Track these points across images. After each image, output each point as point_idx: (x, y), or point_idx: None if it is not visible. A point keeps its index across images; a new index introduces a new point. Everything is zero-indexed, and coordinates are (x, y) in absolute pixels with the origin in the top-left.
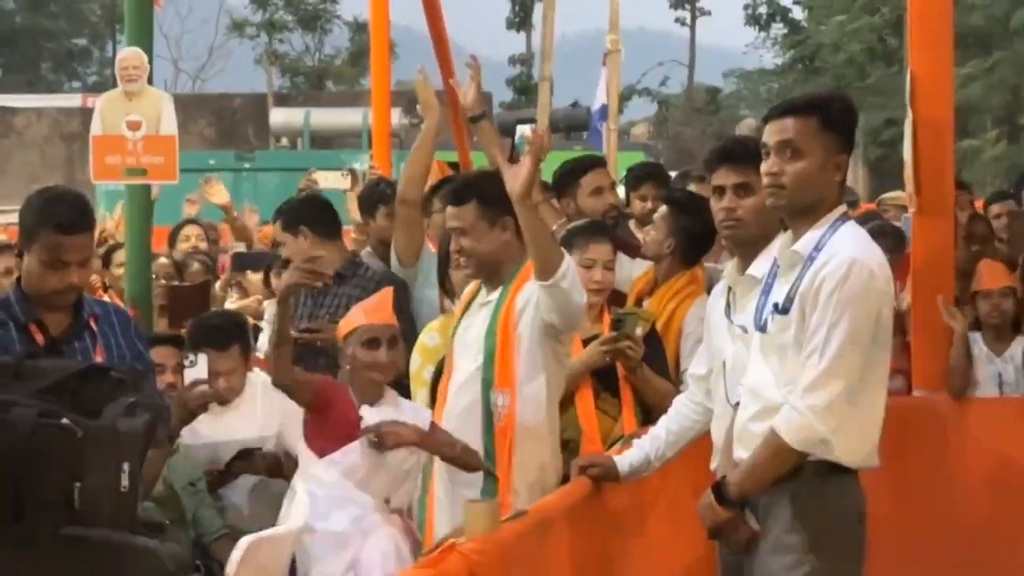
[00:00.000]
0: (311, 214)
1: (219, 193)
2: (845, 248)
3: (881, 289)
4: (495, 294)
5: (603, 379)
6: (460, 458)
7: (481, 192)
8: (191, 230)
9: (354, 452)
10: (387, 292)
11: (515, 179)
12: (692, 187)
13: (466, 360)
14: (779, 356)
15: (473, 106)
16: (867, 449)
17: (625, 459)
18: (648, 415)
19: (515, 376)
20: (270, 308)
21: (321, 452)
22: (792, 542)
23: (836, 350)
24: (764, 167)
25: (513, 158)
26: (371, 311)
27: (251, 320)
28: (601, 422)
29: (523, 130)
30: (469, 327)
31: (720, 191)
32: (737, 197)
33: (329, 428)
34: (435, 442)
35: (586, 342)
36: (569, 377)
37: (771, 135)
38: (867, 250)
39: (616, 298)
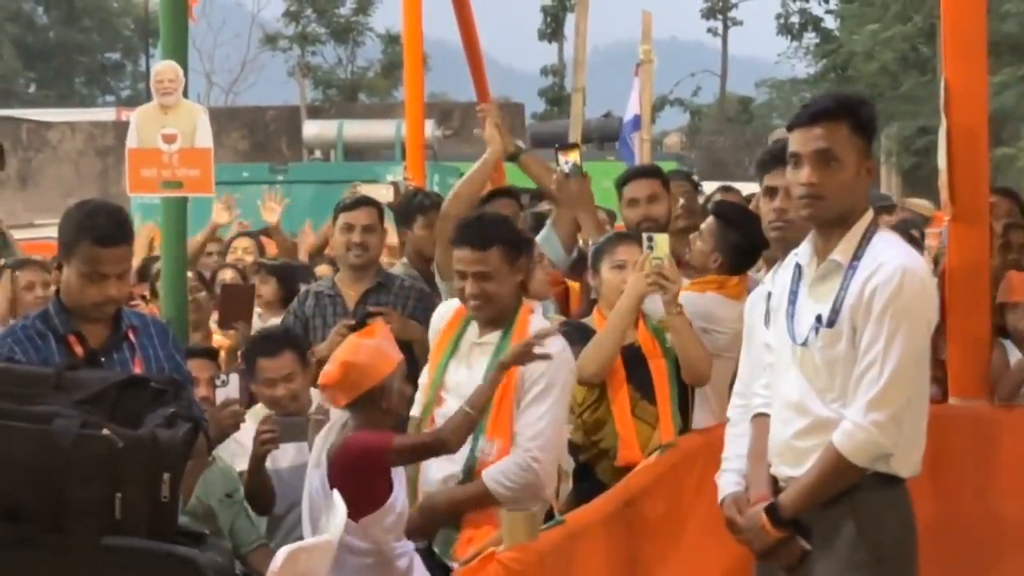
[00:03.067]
0: None
1: (273, 212)
2: (891, 256)
3: (932, 296)
4: (492, 336)
5: (640, 387)
6: None
7: (503, 236)
8: (240, 242)
9: (399, 500)
10: (382, 324)
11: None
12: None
13: (459, 401)
14: (828, 370)
15: (503, 148)
16: (919, 457)
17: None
18: (686, 424)
19: (510, 427)
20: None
21: (361, 509)
22: (861, 560)
23: (896, 364)
24: (798, 176)
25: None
26: (395, 345)
27: None
28: (640, 430)
29: (572, 159)
30: (460, 366)
31: (772, 192)
32: (789, 199)
33: (362, 488)
34: None
35: (624, 350)
36: (619, 315)
37: (804, 143)
38: (914, 257)
39: None
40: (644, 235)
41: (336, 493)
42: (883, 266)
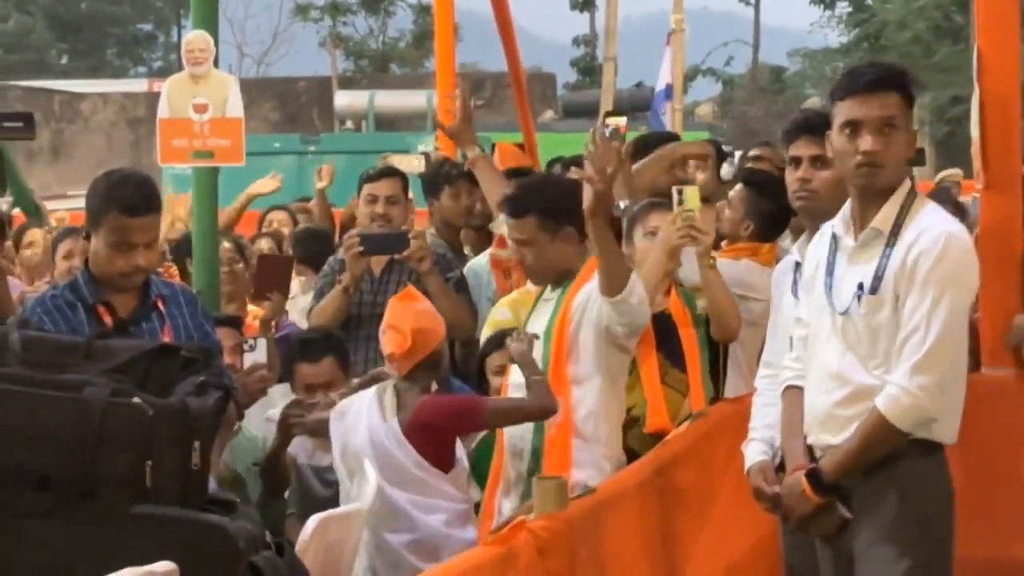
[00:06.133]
0: None
1: (322, 179)
2: (933, 222)
3: (975, 262)
4: (555, 293)
5: (670, 355)
6: None
7: (541, 204)
8: (276, 215)
9: (464, 458)
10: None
11: (585, 199)
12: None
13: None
14: (871, 337)
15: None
16: (958, 424)
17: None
18: (717, 392)
19: (568, 382)
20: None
21: (446, 464)
22: (907, 529)
23: (941, 328)
24: (858, 144)
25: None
26: None
27: None
28: (670, 399)
29: (613, 122)
30: (535, 323)
31: (796, 162)
32: (813, 169)
33: (448, 445)
34: None
35: (656, 317)
36: (651, 269)
37: (866, 110)
38: (955, 224)
39: None
40: (674, 188)
41: (368, 464)
42: (926, 232)
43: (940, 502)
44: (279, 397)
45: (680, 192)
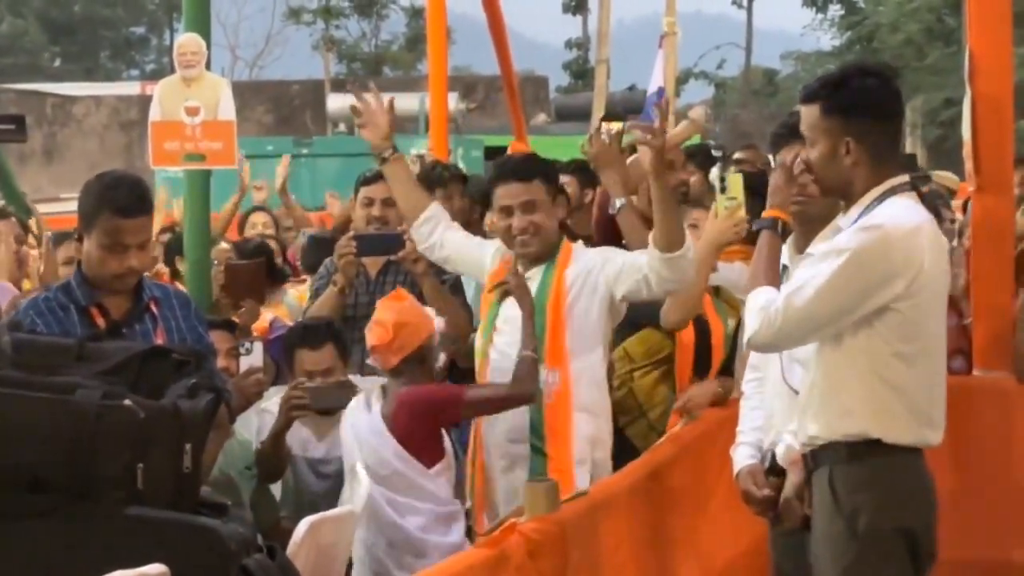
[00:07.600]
0: None
1: (278, 175)
2: (879, 215)
3: (898, 259)
4: (535, 271)
5: (696, 361)
6: None
7: (543, 170)
8: (258, 217)
9: (451, 453)
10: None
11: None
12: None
13: (514, 336)
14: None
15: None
16: (916, 426)
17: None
18: None
19: (566, 354)
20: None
21: (430, 458)
22: (837, 532)
23: (817, 289)
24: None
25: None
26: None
27: None
28: None
29: (614, 127)
30: (513, 304)
31: None
32: (803, 174)
33: (430, 439)
34: None
35: (695, 321)
36: (699, 263)
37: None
38: (901, 218)
39: None
40: (718, 175)
41: (360, 467)
42: (867, 220)
43: (883, 511)
44: (273, 394)
45: (723, 180)
